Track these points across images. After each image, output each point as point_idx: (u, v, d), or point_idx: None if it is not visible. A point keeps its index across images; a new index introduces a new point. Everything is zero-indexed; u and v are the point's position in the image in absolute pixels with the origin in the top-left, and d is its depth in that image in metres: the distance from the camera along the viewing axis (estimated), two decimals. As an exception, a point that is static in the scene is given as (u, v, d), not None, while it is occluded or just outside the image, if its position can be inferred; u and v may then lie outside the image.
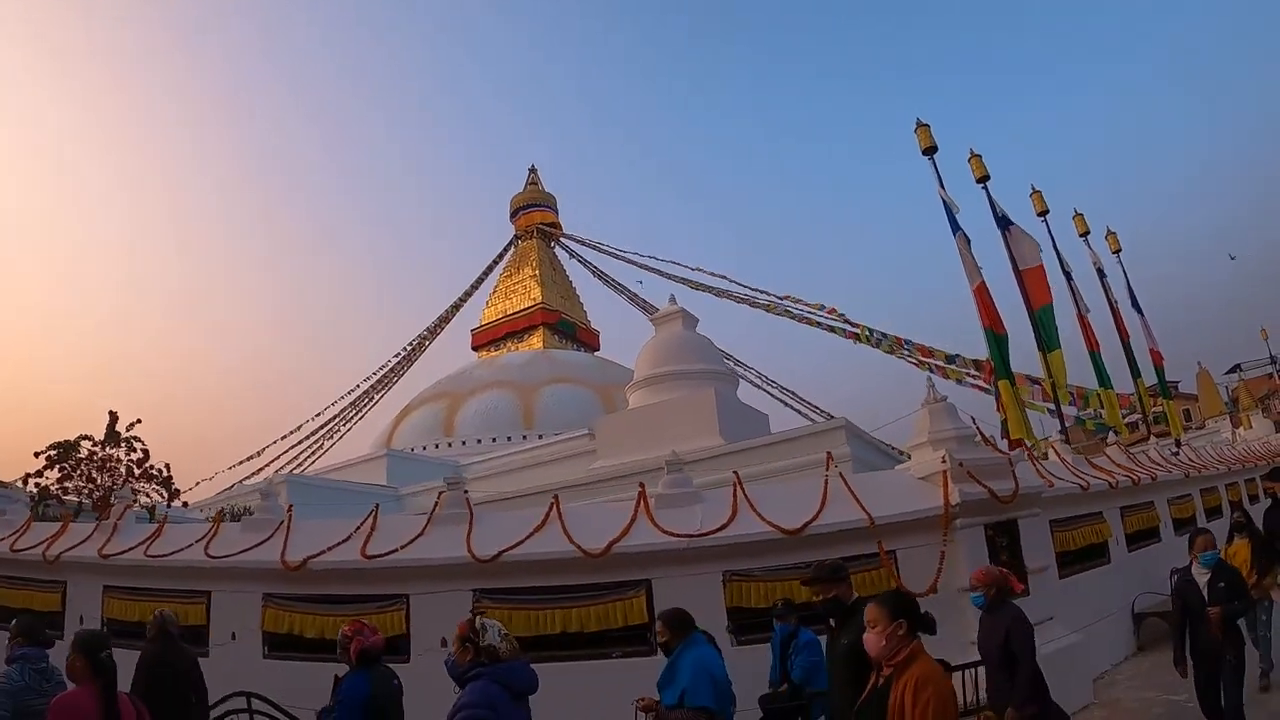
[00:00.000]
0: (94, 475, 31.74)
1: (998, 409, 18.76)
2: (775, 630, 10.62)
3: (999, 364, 19.02)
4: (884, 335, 37.49)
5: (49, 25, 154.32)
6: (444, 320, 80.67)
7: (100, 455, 32.32)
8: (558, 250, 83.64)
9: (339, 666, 7.05)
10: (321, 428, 68.51)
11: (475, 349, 78.48)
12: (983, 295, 19.17)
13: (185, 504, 33.02)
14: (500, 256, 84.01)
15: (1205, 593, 9.54)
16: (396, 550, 12.61)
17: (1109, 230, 28.90)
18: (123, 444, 32.88)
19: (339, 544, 13.09)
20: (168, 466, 33.64)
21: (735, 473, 13.33)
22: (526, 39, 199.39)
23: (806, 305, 47.16)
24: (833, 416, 37.35)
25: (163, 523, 16.14)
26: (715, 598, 11.44)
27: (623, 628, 11.43)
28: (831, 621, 6.57)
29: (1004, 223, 21.44)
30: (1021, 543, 12.41)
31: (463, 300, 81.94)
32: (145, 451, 33.19)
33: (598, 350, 78.06)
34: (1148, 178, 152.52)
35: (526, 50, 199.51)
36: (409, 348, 77.74)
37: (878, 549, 11.66)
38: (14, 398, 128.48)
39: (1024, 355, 24.01)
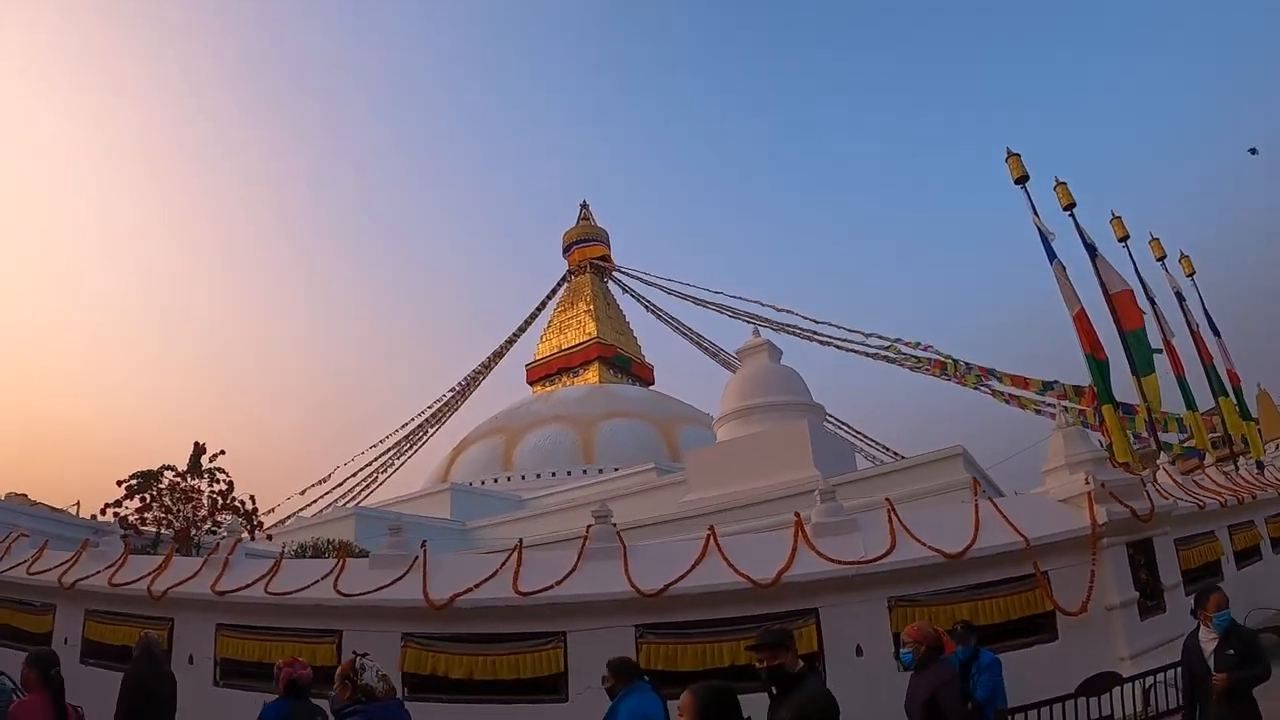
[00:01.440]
0: (173, 506, 31.48)
1: (1102, 433, 18.60)
2: (956, 652, 10.29)
3: (1102, 389, 18.94)
4: (970, 366, 37.01)
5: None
6: (498, 355, 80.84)
7: (182, 486, 32.02)
8: (610, 285, 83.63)
9: (489, 708, 7.51)
10: (376, 460, 68.78)
11: (530, 384, 78.31)
12: (1083, 322, 19.19)
13: (269, 537, 32.77)
14: (553, 292, 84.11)
15: (1211, 660, 8.65)
16: (552, 586, 12.34)
17: (1182, 254, 28.73)
18: (205, 475, 32.58)
19: (486, 580, 12.84)
20: (252, 499, 33.38)
21: (888, 499, 13.34)
22: (591, 72, 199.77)
23: (881, 338, 46.11)
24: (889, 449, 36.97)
25: (278, 559, 15.65)
26: (881, 624, 11.40)
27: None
28: (773, 689, 6.30)
29: (1092, 250, 21.31)
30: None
31: (517, 335, 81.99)
32: (230, 483, 32.97)
33: (652, 384, 77.38)
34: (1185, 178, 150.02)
35: (588, 82, 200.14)
36: (464, 383, 78.16)
37: (1033, 569, 11.71)
38: (109, 432, 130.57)
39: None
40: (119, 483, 31.13)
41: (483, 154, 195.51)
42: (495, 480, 56.18)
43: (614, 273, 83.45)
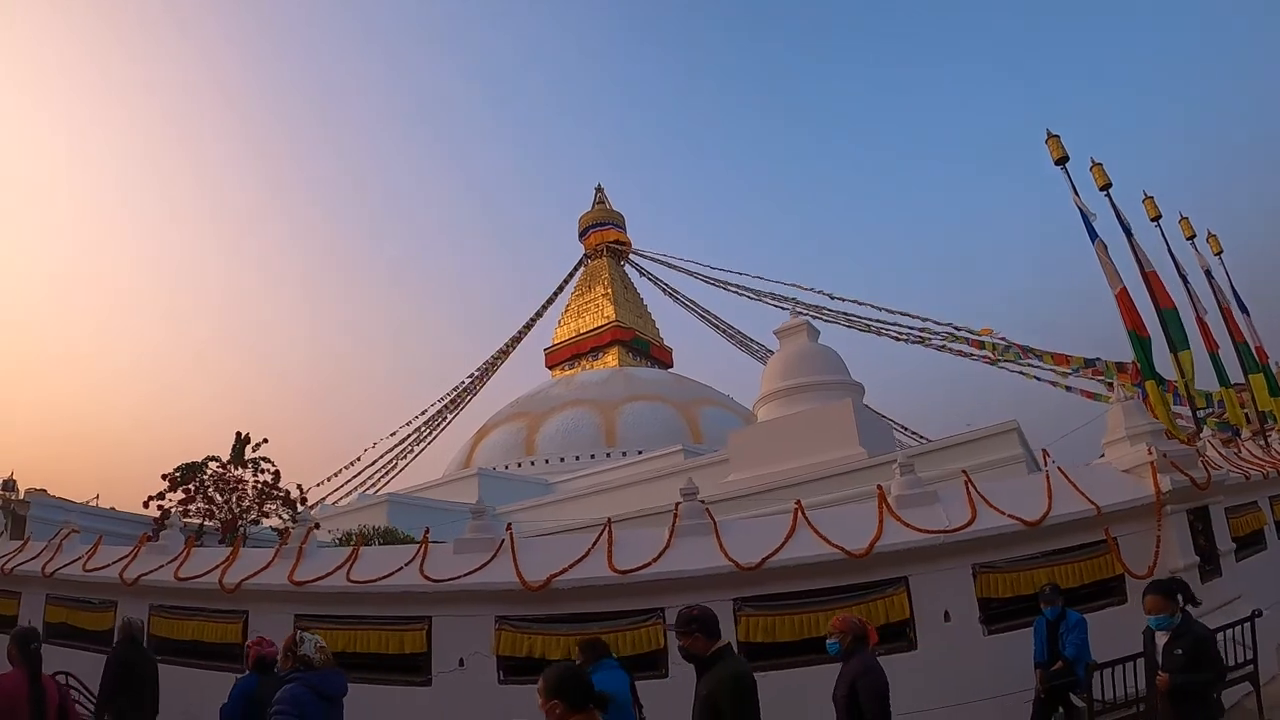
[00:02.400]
0: (215, 496, 31.63)
1: (1146, 407, 19.08)
2: (1043, 613, 10.98)
3: (1144, 365, 19.42)
4: (1009, 344, 37.16)
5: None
6: (515, 340, 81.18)
7: (226, 476, 32.15)
8: (627, 268, 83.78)
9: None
10: (395, 447, 69.24)
11: (549, 368, 78.46)
12: (1125, 300, 19.72)
13: (316, 525, 31.94)
14: (570, 276, 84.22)
15: (1160, 655, 8.61)
16: (650, 563, 12.58)
17: (1210, 233, 29.13)
18: (248, 465, 32.76)
19: (579, 560, 13.04)
20: (300, 488, 33.87)
21: (964, 470, 14.08)
22: (612, 55, 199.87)
23: (913, 316, 46.12)
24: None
25: (357, 547, 15.58)
26: (967, 590, 11.84)
27: (884, 625, 11.47)
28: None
29: (1128, 230, 21.73)
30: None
31: (534, 320, 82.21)
32: (276, 472, 33.04)
33: (671, 367, 77.44)
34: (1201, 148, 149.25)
35: (603, 64, 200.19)
36: (482, 368, 78.57)
37: (1105, 535, 12.26)
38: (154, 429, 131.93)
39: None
40: (164, 475, 31.28)
41: (498, 139, 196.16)
42: (519, 465, 56.28)
43: (631, 255, 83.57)
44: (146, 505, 30.59)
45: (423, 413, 72.22)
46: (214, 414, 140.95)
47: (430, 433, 72.36)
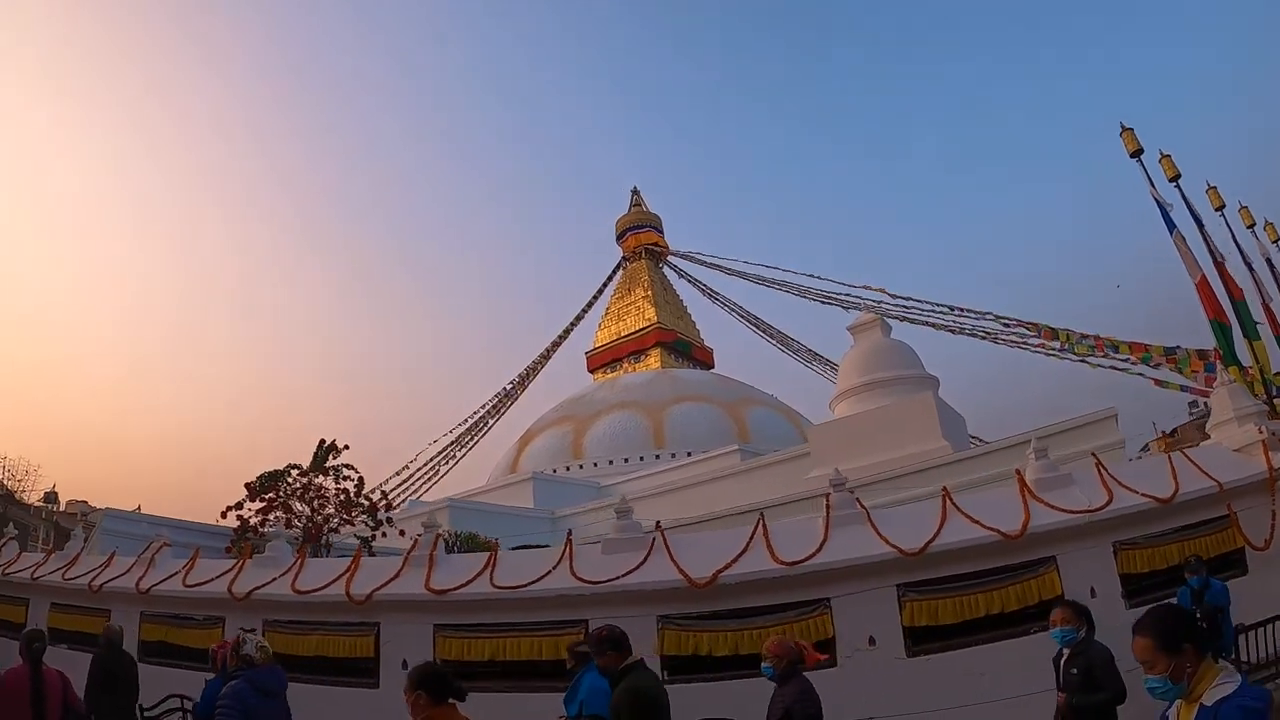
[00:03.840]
0: (293, 505, 30.92)
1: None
2: (1188, 583, 11.82)
3: (1227, 352, 20.05)
4: (1083, 336, 36.84)
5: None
6: (555, 345, 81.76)
7: (306, 484, 31.45)
8: (666, 270, 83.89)
9: (755, 684, 9.10)
10: (438, 454, 69.99)
11: (590, 371, 79.08)
12: (1205, 289, 20.26)
13: (401, 532, 29.72)
14: (609, 279, 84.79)
15: (1060, 674, 8.94)
16: (813, 555, 12.82)
17: (1268, 221, 29.67)
18: (329, 472, 32.06)
19: (740, 555, 13.17)
20: (384, 494, 33.65)
21: (1094, 454, 14.70)
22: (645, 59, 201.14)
23: (974, 313, 43.50)
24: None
25: (493, 553, 15.03)
26: (1109, 567, 12.54)
27: (1037, 604, 11.99)
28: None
29: (1199, 220, 22.37)
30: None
31: (574, 324, 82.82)
32: (360, 479, 32.33)
33: (712, 368, 78.44)
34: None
35: (633, 66, 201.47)
36: (523, 374, 79.15)
37: (1227, 510, 13.05)
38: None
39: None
40: (248, 485, 30.74)
41: (532, 144, 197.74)
42: (567, 468, 56.96)
43: (669, 257, 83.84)
44: (224, 516, 29.79)
45: (465, 420, 73.06)
46: (238, 424, 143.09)
47: (472, 439, 73.12)
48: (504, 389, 77.29)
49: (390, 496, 35.52)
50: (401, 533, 29.80)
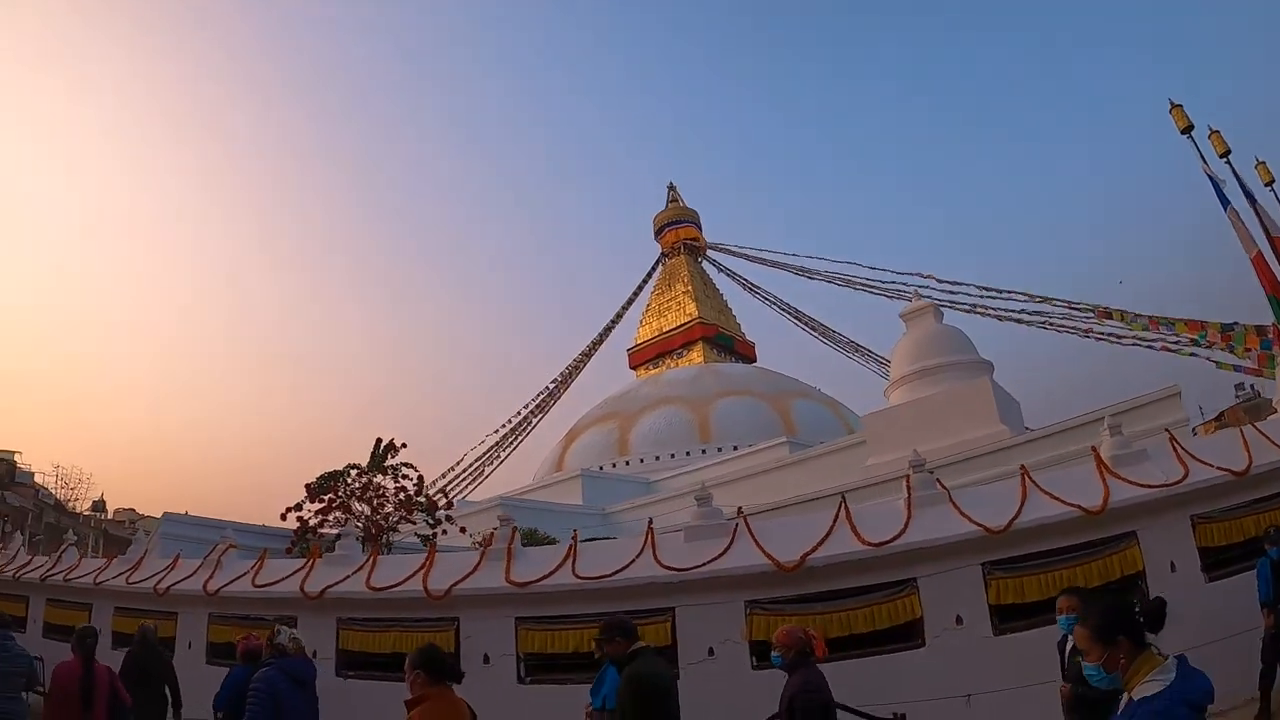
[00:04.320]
0: (351, 506, 30.63)
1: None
2: (1267, 554, 11.85)
3: (1287, 327, 20.31)
4: (1138, 315, 36.42)
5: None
6: (597, 343, 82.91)
7: (365, 484, 31.23)
8: (704, 264, 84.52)
9: (848, 664, 10.29)
10: (484, 455, 70.72)
11: (632, 368, 79.82)
12: (1261, 264, 20.31)
13: (463, 529, 31.58)
14: (649, 275, 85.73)
15: (1064, 661, 8.76)
16: (899, 535, 12.96)
17: (1317, 192, 29.67)
18: (388, 471, 31.84)
19: (825, 538, 13.26)
20: (446, 493, 33.97)
21: (1167, 429, 15.17)
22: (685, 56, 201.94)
23: (1024, 297, 44.12)
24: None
25: (573, 545, 15.07)
26: (1187, 541, 12.77)
27: (1120, 579, 12.23)
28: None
29: (1251, 196, 22.46)
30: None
31: (615, 322, 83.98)
32: (420, 478, 32.29)
33: (755, 361, 78.96)
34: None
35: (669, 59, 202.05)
36: (565, 372, 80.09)
37: None
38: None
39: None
40: (308, 485, 30.75)
41: (568, 143, 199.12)
42: (614, 465, 57.88)
43: (707, 251, 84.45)
44: (284, 517, 29.98)
45: (509, 420, 73.86)
46: (276, 432, 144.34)
47: (516, 438, 74.02)
48: (546, 388, 78.24)
49: (449, 494, 35.24)
50: (463, 530, 31.29)
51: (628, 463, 58.12)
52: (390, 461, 32.50)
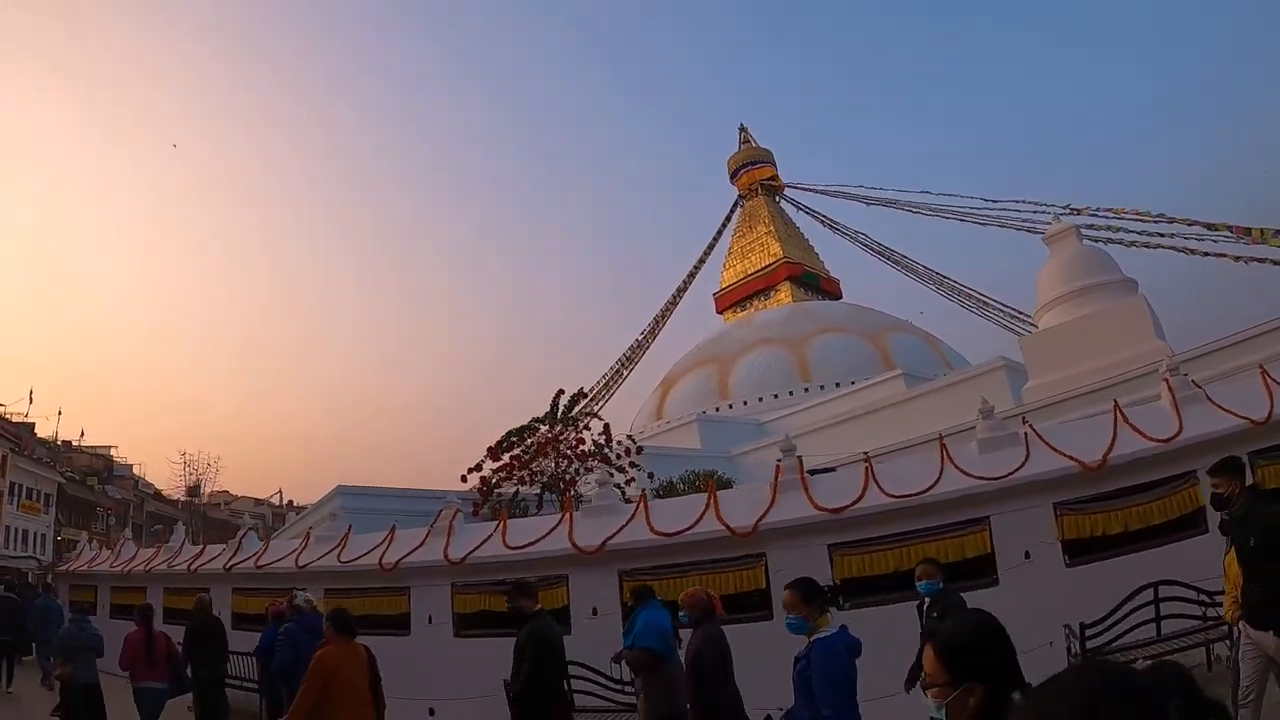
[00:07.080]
0: (530, 461, 32.49)
1: None
2: None
3: None
4: (1277, 231, 36.21)
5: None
6: (682, 289, 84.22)
7: (553, 436, 32.98)
8: (782, 203, 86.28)
9: (1136, 558, 12.16)
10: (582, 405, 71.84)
11: (719, 312, 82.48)
12: None
13: (651, 475, 32.50)
14: (728, 219, 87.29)
15: (924, 621, 9.74)
16: (1178, 434, 13.75)
17: None
18: (571, 423, 33.84)
19: (1113, 439, 14.02)
20: (631, 438, 34.67)
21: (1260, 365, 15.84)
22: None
23: (1145, 217, 44.07)
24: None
25: (869, 467, 15.46)
26: None
27: (1177, 517, 13.29)
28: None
29: None
30: None
31: (698, 266, 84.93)
32: (606, 426, 34.22)
33: (840, 298, 79.48)
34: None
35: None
36: (654, 321, 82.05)
37: None
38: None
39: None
40: (488, 448, 33.06)
41: (636, 94, 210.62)
42: (716, 409, 58.47)
43: (785, 190, 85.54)
44: (464, 479, 31.59)
45: (604, 375, 76.21)
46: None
47: (609, 391, 75.92)
48: (636, 339, 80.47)
49: (637, 441, 36.14)
50: (651, 475, 32.85)
51: (731, 406, 59.42)
52: (576, 411, 35.02)
